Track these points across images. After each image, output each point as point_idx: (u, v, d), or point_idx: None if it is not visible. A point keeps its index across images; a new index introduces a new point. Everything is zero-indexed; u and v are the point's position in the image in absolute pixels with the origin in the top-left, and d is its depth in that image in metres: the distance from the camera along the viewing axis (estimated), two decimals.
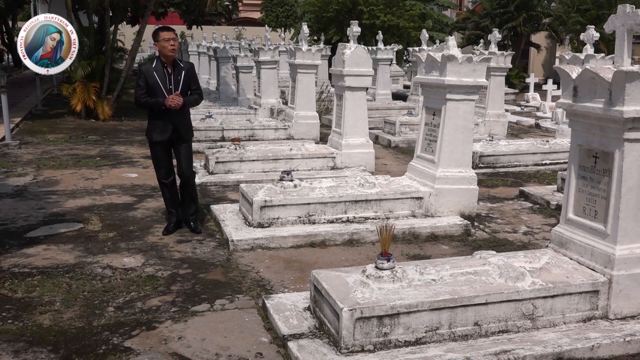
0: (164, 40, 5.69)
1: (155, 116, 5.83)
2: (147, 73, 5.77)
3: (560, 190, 7.48)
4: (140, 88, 5.77)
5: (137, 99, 5.82)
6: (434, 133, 6.57)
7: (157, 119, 5.83)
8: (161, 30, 5.80)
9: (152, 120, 5.88)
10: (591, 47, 10.94)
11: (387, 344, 3.68)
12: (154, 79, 5.75)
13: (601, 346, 3.79)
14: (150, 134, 5.90)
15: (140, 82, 5.77)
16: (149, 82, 5.74)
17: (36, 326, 4.13)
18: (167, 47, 5.70)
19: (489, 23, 25.33)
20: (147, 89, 5.74)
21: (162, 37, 5.70)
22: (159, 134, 5.86)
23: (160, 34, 5.73)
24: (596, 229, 4.23)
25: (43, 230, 6.15)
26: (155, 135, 5.87)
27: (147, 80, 5.74)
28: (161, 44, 5.72)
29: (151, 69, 5.79)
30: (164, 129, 5.84)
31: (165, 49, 5.71)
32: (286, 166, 8.30)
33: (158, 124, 5.83)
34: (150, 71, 5.77)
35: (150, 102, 5.75)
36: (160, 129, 5.84)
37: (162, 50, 5.74)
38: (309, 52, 10.86)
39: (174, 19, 32.80)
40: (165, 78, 5.78)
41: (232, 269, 5.23)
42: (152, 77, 5.75)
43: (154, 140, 5.89)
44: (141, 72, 5.80)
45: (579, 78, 4.20)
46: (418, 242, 6.02)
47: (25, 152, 10.22)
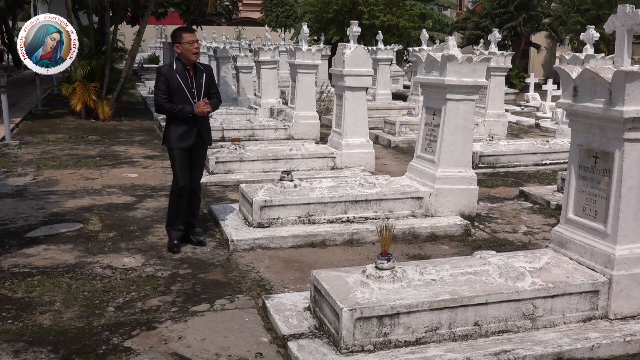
0: (188, 42, 5.34)
1: (178, 121, 5.45)
2: (169, 76, 5.37)
3: (560, 190, 7.48)
4: (161, 92, 5.36)
5: (160, 105, 5.40)
6: (434, 133, 6.57)
7: (180, 125, 5.44)
8: (184, 31, 5.44)
9: (173, 125, 5.47)
10: (591, 47, 10.94)
11: (387, 344, 3.68)
12: (177, 82, 5.37)
13: (601, 346, 3.79)
14: (171, 140, 5.49)
15: (162, 85, 5.36)
16: (171, 86, 5.36)
17: (36, 326, 4.13)
18: (190, 49, 5.35)
19: (489, 23, 25.32)
20: (168, 93, 5.37)
21: (186, 39, 5.35)
22: (183, 141, 5.47)
23: (184, 36, 5.37)
24: (596, 229, 4.23)
25: (43, 230, 6.15)
26: (178, 141, 5.47)
27: (170, 84, 5.36)
28: (184, 46, 5.35)
29: (173, 72, 5.39)
30: (188, 134, 5.47)
31: (188, 51, 5.35)
32: (286, 166, 8.30)
33: (180, 129, 5.45)
34: (173, 74, 5.38)
35: (176, 110, 5.36)
36: (183, 135, 5.46)
37: (184, 52, 5.37)
38: (309, 52, 10.86)
39: (174, 19, 32.80)
40: (188, 81, 5.42)
41: (232, 269, 5.23)
42: (175, 80, 5.37)
43: (177, 147, 5.48)
44: (162, 75, 5.39)
45: (579, 78, 4.20)
46: (418, 242, 6.02)
47: (25, 152, 10.22)
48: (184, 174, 5.55)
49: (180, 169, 5.54)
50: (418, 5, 25.65)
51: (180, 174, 5.55)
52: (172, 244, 5.63)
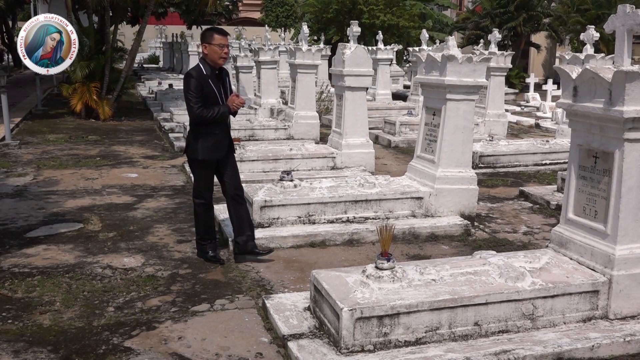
0: (219, 45, 4.99)
1: (209, 130, 5.04)
2: (203, 81, 4.99)
3: (560, 190, 7.48)
4: (197, 99, 4.95)
5: (199, 115, 4.95)
6: (434, 133, 6.57)
7: (213, 134, 5.06)
8: (216, 32, 5.06)
9: (204, 136, 5.05)
10: (591, 47, 10.94)
11: (387, 344, 3.68)
12: (210, 88, 5.01)
13: (601, 346, 3.79)
14: (201, 152, 5.06)
15: (195, 91, 4.95)
16: (205, 92, 4.99)
17: (36, 326, 4.13)
18: (220, 53, 5.01)
19: (489, 23, 25.32)
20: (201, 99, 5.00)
21: (217, 40, 5.00)
22: (217, 151, 5.11)
23: (215, 37, 5.01)
24: (596, 229, 4.23)
25: (43, 230, 6.15)
26: (211, 153, 5.08)
27: (203, 89, 4.97)
28: (214, 48, 4.99)
29: (205, 77, 5.01)
30: (221, 143, 5.13)
31: (216, 54, 5.00)
32: (286, 166, 8.30)
33: (213, 139, 5.06)
34: (205, 79, 5.00)
35: (217, 115, 4.99)
36: (216, 145, 5.09)
37: (212, 54, 5.01)
38: (309, 52, 10.86)
39: (174, 19, 32.86)
40: (219, 86, 5.11)
41: (232, 269, 5.23)
42: (208, 85, 5.01)
43: (210, 159, 5.10)
44: (194, 80, 4.97)
45: (579, 78, 4.20)
46: (418, 242, 6.02)
47: (25, 152, 10.22)
48: (207, 188, 5.24)
49: (205, 182, 5.22)
50: (418, 5, 25.66)
51: (205, 189, 5.24)
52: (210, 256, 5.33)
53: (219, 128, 5.11)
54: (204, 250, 5.38)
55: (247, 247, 5.29)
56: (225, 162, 5.21)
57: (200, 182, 5.24)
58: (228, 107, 5.07)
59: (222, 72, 5.20)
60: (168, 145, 11.12)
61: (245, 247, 5.29)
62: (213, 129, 5.07)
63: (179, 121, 12.46)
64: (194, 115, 5.01)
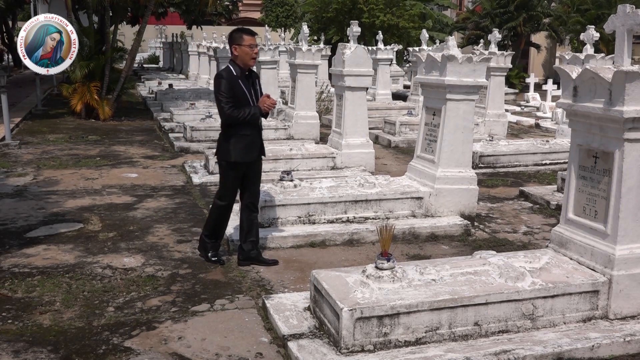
0: (249, 46, 4.95)
1: (241, 132, 5.00)
2: (234, 83, 4.94)
3: (560, 190, 7.48)
4: (228, 100, 4.90)
5: (230, 115, 4.90)
6: (434, 133, 6.58)
7: (245, 135, 5.02)
8: (245, 33, 5.02)
9: (237, 136, 5.00)
10: (591, 47, 10.94)
11: (387, 344, 3.68)
12: (241, 89, 4.97)
13: (601, 346, 3.79)
14: (233, 154, 5.01)
15: (227, 93, 4.90)
16: (236, 93, 4.94)
17: (36, 326, 4.13)
18: (250, 54, 4.97)
19: (489, 23, 25.33)
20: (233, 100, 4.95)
21: (248, 42, 4.96)
22: (249, 153, 5.06)
23: (245, 38, 4.97)
24: (596, 229, 4.23)
25: (43, 230, 6.15)
26: (244, 155, 5.03)
27: (234, 90, 4.93)
28: (244, 49, 4.96)
29: (235, 78, 4.96)
30: (253, 145, 5.09)
31: (247, 55, 4.97)
32: (286, 166, 8.30)
33: (245, 140, 5.02)
34: (235, 80, 4.96)
35: (247, 116, 4.94)
36: (249, 147, 5.05)
37: (243, 56, 4.97)
38: (309, 52, 10.86)
39: (174, 19, 32.86)
40: (249, 87, 5.05)
41: (232, 269, 5.23)
42: (239, 87, 4.96)
43: (242, 161, 5.05)
44: (225, 81, 4.92)
45: (579, 78, 4.20)
46: (418, 242, 6.02)
47: (25, 152, 10.22)
48: (235, 192, 5.22)
49: (233, 185, 5.16)
50: (418, 5, 25.64)
51: (232, 192, 5.19)
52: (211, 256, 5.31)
53: (250, 129, 5.06)
54: (206, 249, 5.36)
55: (251, 254, 5.28)
56: (252, 167, 5.17)
57: (227, 184, 5.16)
58: (259, 108, 5.01)
59: (252, 74, 5.16)
60: (168, 145, 11.12)
61: (249, 255, 5.28)
62: (244, 130, 5.02)
63: (179, 121, 12.47)
64: (225, 116, 4.96)
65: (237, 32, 5.08)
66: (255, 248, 5.30)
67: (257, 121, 5.07)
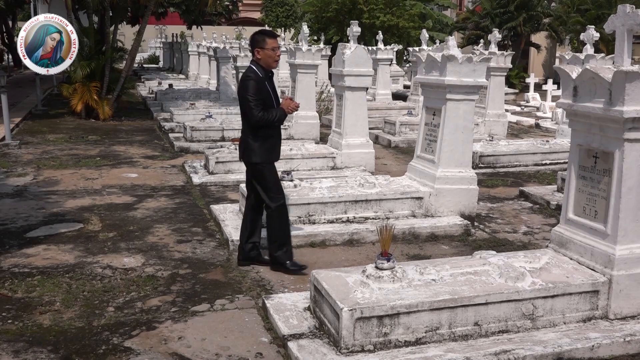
0: (272, 49, 4.96)
1: (268, 134, 5.03)
2: (261, 85, 4.95)
3: (560, 190, 7.48)
4: (257, 102, 4.88)
5: (262, 118, 4.89)
6: (434, 133, 6.58)
7: (269, 137, 5.04)
8: (268, 36, 5.04)
9: (263, 139, 5.01)
10: (591, 47, 10.94)
11: (387, 344, 3.68)
12: (267, 91, 5.00)
13: (601, 346, 3.79)
14: (263, 155, 5.03)
15: (256, 96, 4.89)
16: (263, 96, 4.96)
17: (36, 326, 4.13)
18: (273, 56, 4.99)
19: (489, 23, 25.33)
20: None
21: (271, 44, 4.96)
22: (274, 154, 5.11)
23: (268, 41, 4.97)
24: (596, 229, 4.23)
25: (43, 230, 6.15)
26: (270, 155, 5.07)
27: (261, 92, 4.94)
28: (267, 52, 4.96)
29: (262, 80, 4.98)
30: (277, 146, 5.14)
31: (270, 58, 4.98)
32: (286, 166, 8.28)
33: (270, 142, 5.06)
34: (262, 82, 4.97)
35: (276, 118, 4.96)
36: (273, 148, 5.09)
37: (266, 59, 4.98)
38: (309, 52, 10.86)
39: (174, 19, 32.85)
40: (273, 88, 5.10)
41: (232, 269, 5.23)
42: (264, 88, 4.98)
43: (274, 161, 5.12)
44: (253, 82, 4.92)
45: (579, 78, 4.20)
46: (418, 242, 6.02)
47: (25, 152, 10.22)
48: (281, 187, 5.21)
49: (278, 181, 5.16)
50: (418, 5, 25.64)
51: (279, 187, 5.17)
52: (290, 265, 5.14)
53: (275, 131, 5.09)
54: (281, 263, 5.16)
55: (250, 254, 5.27)
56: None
57: (271, 182, 5.10)
58: (283, 110, 5.02)
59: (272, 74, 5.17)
60: (168, 145, 11.12)
61: (249, 255, 5.27)
62: (270, 132, 5.04)
63: (179, 121, 12.47)
64: (256, 119, 4.90)
65: (259, 35, 5.07)
66: (255, 248, 5.30)
67: (282, 121, 5.08)
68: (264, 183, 5.10)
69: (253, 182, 5.17)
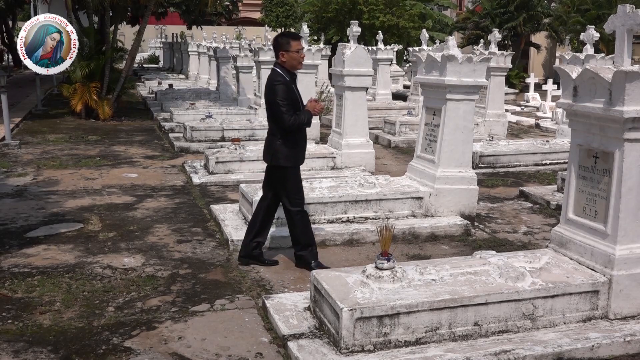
0: (296, 50, 4.95)
1: (297, 137, 5.04)
2: (290, 89, 4.94)
3: (560, 190, 7.48)
4: (288, 107, 4.86)
5: (293, 123, 4.87)
6: (434, 133, 6.58)
7: (296, 140, 5.04)
8: (292, 38, 5.03)
9: (291, 142, 5.01)
10: (591, 47, 10.94)
11: (387, 344, 3.68)
12: (294, 94, 4.99)
13: (601, 346, 3.79)
14: (294, 159, 5.05)
15: (285, 99, 4.87)
16: (292, 99, 4.95)
17: (36, 326, 4.13)
18: (298, 58, 4.98)
19: (489, 23, 25.33)
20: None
21: (295, 47, 4.95)
22: (301, 157, 5.12)
23: (292, 43, 4.96)
24: (596, 229, 4.23)
25: (43, 230, 6.15)
26: (300, 156, 5.09)
27: (290, 97, 4.94)
28: (292, 54, 4.94)
29: (289, 83, 4.97)
30: (303, 148, 5.15)
31: (295, 60, 4.97)
32: None
33: (300, 143, 5.08)
34: (290, 85, 4.96)
35: (306, 121, 4.96)
36: (300, 150, 5.09)
37: (291, 61, 4.96)
38: (309, 52, 10.84)
39: (174, 19, 32.86)
40: (298, 91, 5.11)
41: (232, 269, 5.23)
42: (293, 92, 4.98)
43: (300, 164, 5.13)
44: (283, 86, 4.89)
45: (579, 78, 4.20)
46: (418, 242, 6.02)
47: (25, 152, 10.22)
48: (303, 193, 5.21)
49: (301, 185, 5.15)
50: (418, 5, 25.63)
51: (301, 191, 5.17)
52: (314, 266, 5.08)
53: (302, 135, 5.08)
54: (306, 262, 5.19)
55: (253, 253, 5.27)
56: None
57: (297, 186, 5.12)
58: (309, 113, 5.01)
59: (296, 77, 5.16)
60: (168, 145, 11.12)
61: (251, 253, 5.26)
62: (299, 136, 5.04)
63: (179, 121, 12.47)
64: (289, 124, 4.88)
65: (283, 37, 5.06)
66: (258, 247, 5.29)
67: (309, 124, 5.07)
68: (288, 186, 5.09)
69: (274, 184, 5.14)
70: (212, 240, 5.94)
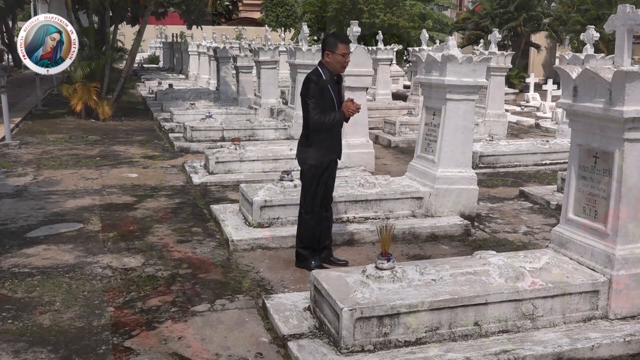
0: (342, 54, 4.94)
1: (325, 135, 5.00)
2: (323, 87, 4.93)
3: (560, 190, 7.48)
4: (316, 105, 4.88)
5: (317, 120, 4.88)
6: (434, 133, 6.57)
7: (326, 138, 5.01)
8: (340, 41, 4.99)
9: (320, 141, 4.98)
10: (591, 47, 10.94)
11: (387, 344, 3.68)
12: (329, 94, 4.98)
13: (601, 346, 3.79)
14: (319, 157, 4.99)
15: (315, 97, 4.88)
16: (325, 98, 4.94)
17: (36, 326, 4.13)
18: (342, 62, 4.98)
19: (489, 23, 25.31)
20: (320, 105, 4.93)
21: (342, 50, 4.94)
22: (333, 152, 5.07)
23: (339, 46, 4.94)
24: (596, 229, 4.23)
25: (43, 230, 6.15)
26: (328, 154, 5.02)
27: (324, 95, 4.93)
28: (336, 57, 4.94)
29: (324, 82, 4.95)
30: (337, 145, 5.10)
31: (339, 63, 4.97)
32: (286, 166, 8.29)
33: (327, 143, 5.02)
34: (325, 85, 4.95)
35: (333, 122, 4.95)
36: (333, 146, 5.05)
37: (335, 63, 4.96)
38: (309, 52, 10.85)
39: (174, 19, 32.83)
40: (336, 91, 5.07)
41: (232, 269, 5.23)
42: (327, 91, 4.96)
43: (328, 161, 5.04)
44: (314, 85, 4.90)
45: (579, 78, 4.20)
46: (418, 242, 6.02)
47: (25, 152, 10.22)
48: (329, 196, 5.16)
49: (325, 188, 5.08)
50: (418, 5, 25.66)
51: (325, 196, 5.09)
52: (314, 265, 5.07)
53: (331, 133, 5.05)
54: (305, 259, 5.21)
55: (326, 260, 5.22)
56: (333, 174, 5.18)
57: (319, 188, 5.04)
58: (343, 114, 4.99)
59: (340, 78, 5.17)
60: (168, 145, 11.12)
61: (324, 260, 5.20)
62: (326, 135, 5.01)
63: (179, 121, 12.47)
64: (312, 121, 4.91)
65: (332, 37, 5.06)
66: (328, 248, 5.29)
67: (339, 126, 5.07)
68: (303, 184, 5.14)
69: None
70: (212, 240, 5.94)
